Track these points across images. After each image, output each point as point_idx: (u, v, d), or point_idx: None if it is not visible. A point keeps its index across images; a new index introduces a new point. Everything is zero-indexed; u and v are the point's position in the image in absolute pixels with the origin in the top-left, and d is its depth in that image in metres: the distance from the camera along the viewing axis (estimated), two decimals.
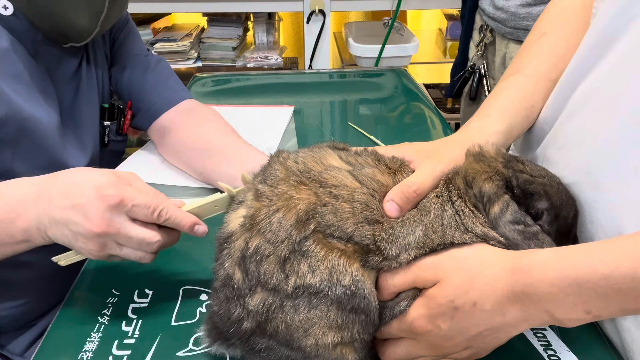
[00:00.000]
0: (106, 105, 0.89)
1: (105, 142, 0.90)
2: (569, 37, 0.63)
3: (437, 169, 0.51)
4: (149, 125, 0.92)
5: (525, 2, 1.09)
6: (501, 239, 0.46)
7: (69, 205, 0.54)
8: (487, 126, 0.59)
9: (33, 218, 0.56)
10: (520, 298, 0.42)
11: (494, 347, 0.48)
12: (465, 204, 0.48)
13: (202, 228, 0.59)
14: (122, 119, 0.91)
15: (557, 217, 0.49)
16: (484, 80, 1.27)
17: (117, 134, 0.91)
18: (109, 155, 0.92)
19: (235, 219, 0.49)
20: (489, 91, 1.28)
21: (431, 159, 0.53)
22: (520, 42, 1.14)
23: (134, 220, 0.55)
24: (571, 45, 0.62)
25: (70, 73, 0.81)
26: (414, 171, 0.51)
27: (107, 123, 0.89)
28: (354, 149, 0.54)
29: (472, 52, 1.31)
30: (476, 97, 1.31)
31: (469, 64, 1.30)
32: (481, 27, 1.25)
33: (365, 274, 0.46)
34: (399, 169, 0.51)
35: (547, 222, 0.48)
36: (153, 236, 0.56)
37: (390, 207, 0.47)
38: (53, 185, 0.56)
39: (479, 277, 0.44)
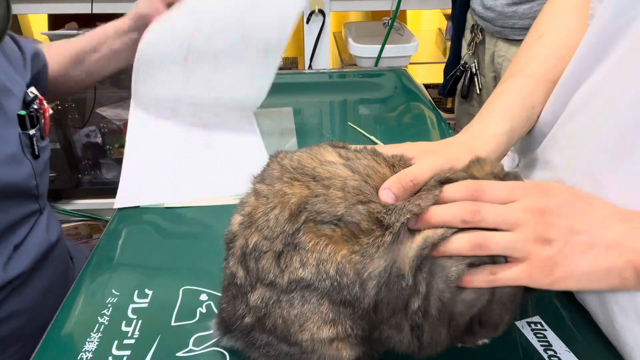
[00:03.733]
0: (22, 113, 0.74)
1: (37, 154, 0.76)
2: (567, 38, 0.63)
3: (436, 162, 0.50)
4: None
5: (511, 1, 1.11)
6: None
7: None
8: (489, 128, 0.59)
9: None
10: (627, 221, 0.43)
11: (576, 268, 0.43)
12: None
13: None
14: (42, 121, 0.79)
15: None
16: (475, 79, 1.29)
17: (41, 139, 0.79)
18: (43, 166, 0.80)
19: (237, 219, 0.50)
20: (480, 89, 1.29)
21: (435, 153, 0.53)
22: (507, 40, 1.16)
23: None
24: (569, 46, 0.62)
25: None
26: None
27: (32, 132, 0.75)
28: (353, 146, 0.54)
29: (465, 50, 1.33)
30: (468, 95, 1.33)
31: (462, 62, 1.32)
32: (472, 26, 1.27)
33: (351, 260, 0.44)
34: (398, 163, 0.51)
35: None
36: None
37: (386, 194, 0.47)
38: None
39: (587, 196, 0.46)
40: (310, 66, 1.97)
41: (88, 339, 0.58)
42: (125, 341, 0.58)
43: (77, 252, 0.95)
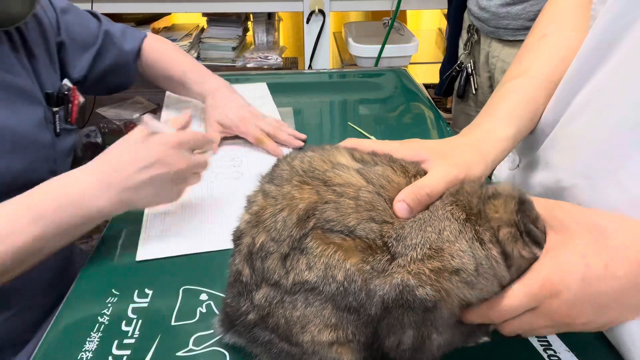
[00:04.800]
0: (50, 92, 0.85)
1: (58, 132, 0.85)
2: (569, 39, 0.63)
3: (451, 173, 0.50)
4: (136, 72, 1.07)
5: (504, 2, 1.12)
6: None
7: (142, 169, 0.67)
8: (497, 130, 0.59)
9: (109, 197, 0.66)
10: None
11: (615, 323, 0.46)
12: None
13: None
14: (70, 105, 0.89)
15: None
16: (471, 79, 1.29)
17: (66, 122, 0.89)
18: (60, 149, 0.86)
19: (245, 217, 0.50)
20: (475, 89, 1.29)
21: (445, 160, 0.52)
22: (501, 40, 1.17)
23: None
24: (571, 47, 0.62)
25: None
26: (426, 172, 0.50)
27: (55, 109, 0.85)
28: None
29: (461, 50, 1.33)
30: (464, 95, 1.33)
31: (458, 62, 1.33)
32: (469, 26, 1.27)
33: (361, 268, 0.45)
34: (413, 170, 0.50)
35: None
36: (205, 158, 0.75)
37: (401, 207, 0.47)
38: (109, 170, 0.68)
39: (609, 239, 0.43)
40: (310, 66, 1.97)
41: (88, 339, 0.58)
42: (126, 341, 0.58)
43: (75, 252, 0.95)
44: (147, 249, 0.73)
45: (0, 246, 0.61)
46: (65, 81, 0.90)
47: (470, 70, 1.30)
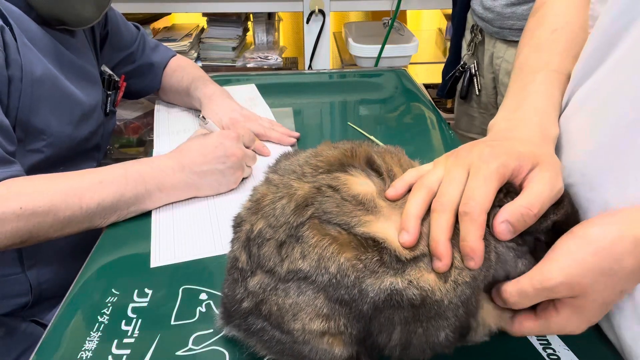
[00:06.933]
0: (105, 76, 1.01)
1: (107, 112, 1.01)
2: (578, 35, 0.63)
3: (557, 186, 0.46)
4: (160, 84, 1.16)
5: (509, 2, 1.11)
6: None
7: (209, 159, 0.80)
8: (551, 128, 0.56)
9: (181, 178, 0.79)
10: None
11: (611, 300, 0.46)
12: None
13: None
14: (117, 91, 1.04)
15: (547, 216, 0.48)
16: (475, 80, 1.29)
17: (112, 105, 1.04)
18: (106, 127, 1.01)
19: (247, 204, 0.51)
20: (479, 90, 1.28)
21: (546, 166, 0.47)
22: (505, 41, 1.16)
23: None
24: (580, 44, 0.61)
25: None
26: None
27: (109, 92, 1.02)
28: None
29: (464, 51, 1.32)
30: (467, 96, 1.33)
31: (461, 62, 1.32)
32: (472, 26, 1.27)
33: (354, 265, 0.45)
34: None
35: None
36: (254, 154, 0.89)
37: (504, 229, 0.44)
38: (182, 157, 0.80)
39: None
40: (310, 66, 1.97)
41: (88, 338, 0.58)
42: (125, 340, 0.58)
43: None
44: (161, 255, 0.72)
45: (103, 191, 0.74)
46: (104, 67, 1.03)
47: (473, 71, 1.29)
